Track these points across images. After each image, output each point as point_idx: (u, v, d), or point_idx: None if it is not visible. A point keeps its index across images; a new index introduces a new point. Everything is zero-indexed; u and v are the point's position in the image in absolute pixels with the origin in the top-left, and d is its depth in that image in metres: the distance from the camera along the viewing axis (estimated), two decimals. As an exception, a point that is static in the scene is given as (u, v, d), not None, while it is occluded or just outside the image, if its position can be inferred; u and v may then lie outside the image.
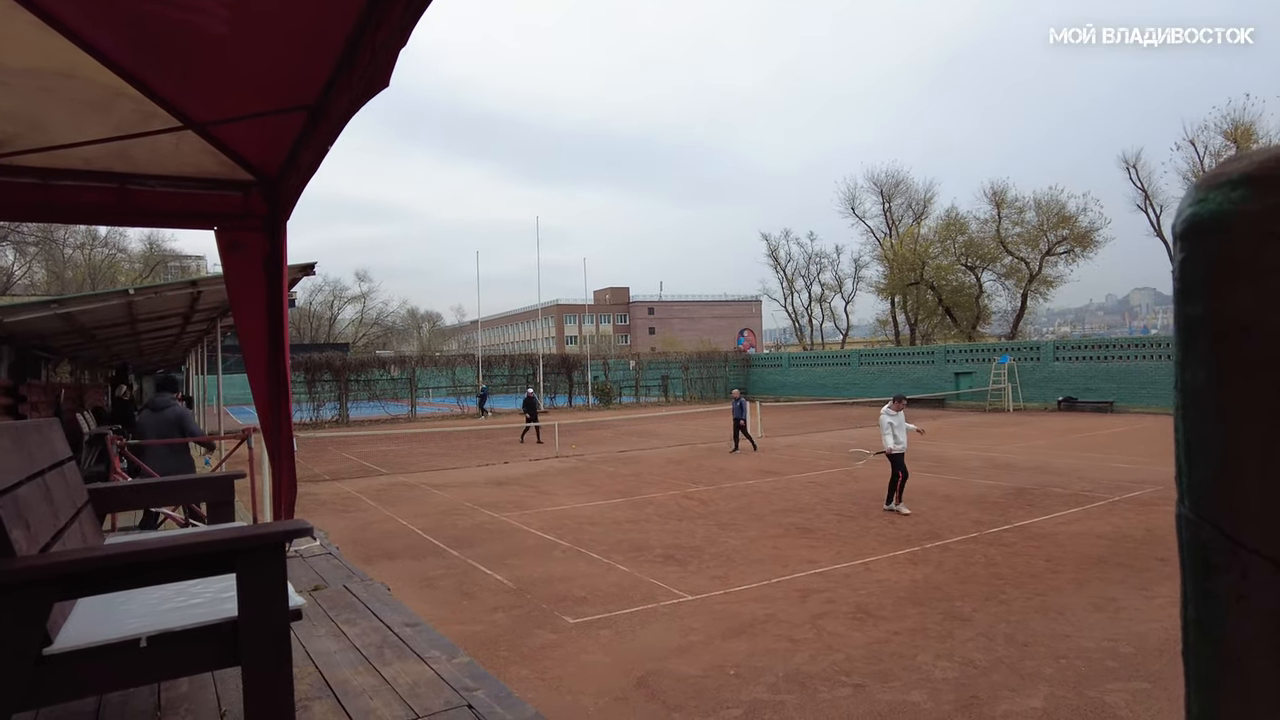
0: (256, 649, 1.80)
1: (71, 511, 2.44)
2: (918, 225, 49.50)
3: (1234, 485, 0.56)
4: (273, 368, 4.30)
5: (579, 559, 8.79)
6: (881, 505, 11.17)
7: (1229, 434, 0.56)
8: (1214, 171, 0.59)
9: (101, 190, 3.85)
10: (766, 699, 5.02)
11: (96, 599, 2.03)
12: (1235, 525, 0.56)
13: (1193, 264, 0.58)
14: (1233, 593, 0.56)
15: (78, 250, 44.84)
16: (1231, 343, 0.56)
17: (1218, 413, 0.57)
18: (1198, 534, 0.59)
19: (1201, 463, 0.58)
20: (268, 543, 1.82)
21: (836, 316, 61.01)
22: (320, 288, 68.77)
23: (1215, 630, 0.58)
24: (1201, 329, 0.58)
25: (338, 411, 35.23)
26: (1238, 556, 0.56)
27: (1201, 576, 0.58)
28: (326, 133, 2.97)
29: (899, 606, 6.71)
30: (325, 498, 13.90)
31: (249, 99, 3.33)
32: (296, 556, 4.59)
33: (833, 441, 20.60)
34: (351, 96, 2.49)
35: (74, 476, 2.72)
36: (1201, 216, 0.57)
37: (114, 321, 9.57)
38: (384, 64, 2.15)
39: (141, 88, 3.19)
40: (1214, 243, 0.57)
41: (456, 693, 2.46)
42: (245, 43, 2.72)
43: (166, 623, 1.88)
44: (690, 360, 46.59)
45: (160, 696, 2.59)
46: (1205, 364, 0.58)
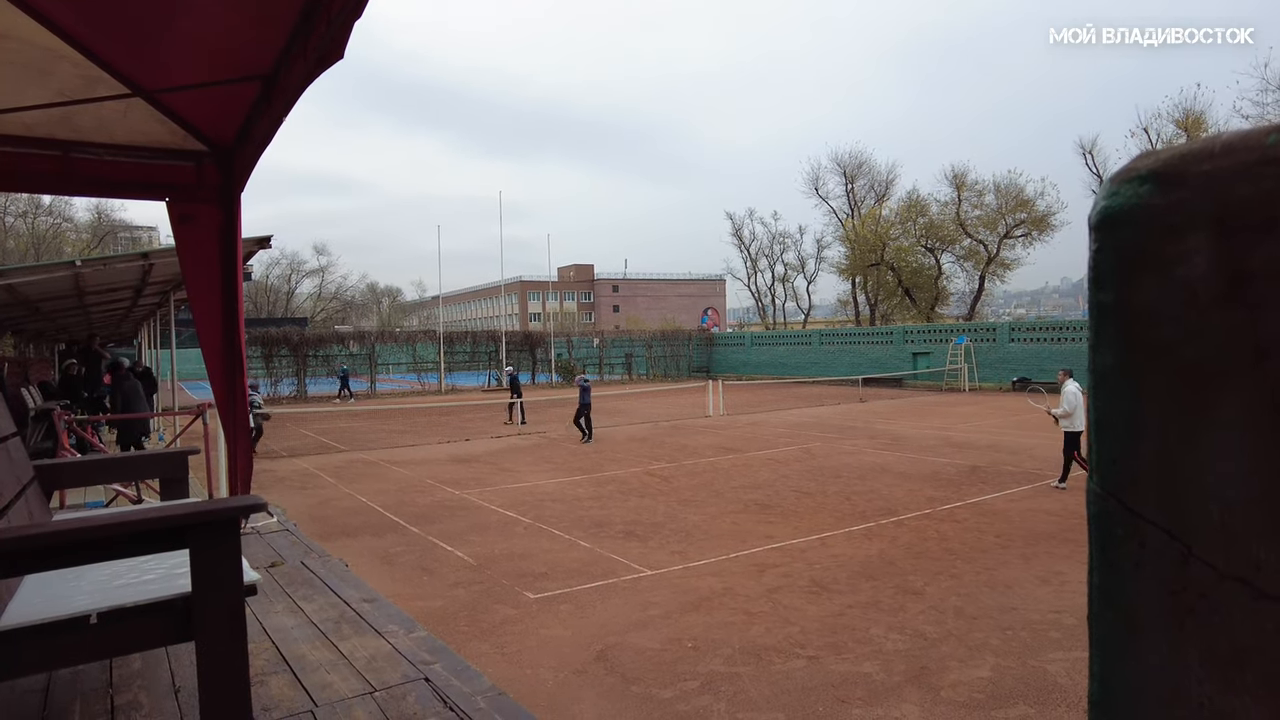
0: (210, 624, 1.79)
1: (16, 488, 2.39)
2: (879, 206, 50.03)
3: (1135, 461, 0.60)
4: (227, 342, 4.22)
5: (540, 535, 8.83)
6: (822, 483, 11.35)
7: (1132, 414, 0.60)
8: (1126, 166, 0.62)
9: (43, 158, 3.73)
10: (723, 671, 5.13)
11: (48, 575, 2.00)
12: (1135, 498, 0.60)
13: (1104, 254, 0.62)
14: (1132, 560, 0.61)
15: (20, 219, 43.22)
16: (1137, 329, 0.60)
17: (1123, 394, 0.61)
18: (1104, 507, 0.63)
19: (1108, 440, 0.62)
20: (221, 518, 1.80)
21: (799, 296, 61.61)
22: (277, 261, 67.29)
23: (1116, 596, 0.62)
24: (1111, 316, 0.61)
25: (295, 387, 34.65)
26: (1137, 527, 0.60)
27: (1106, 546, 0.63)
28: (281, 104, 2.91)
29: (853, 580, 6.87)
30: (283, 474, 13.73)
31: (201, 67, 3.25)
32: (254, 533, 4.54)
33: (794, 420, 20.87)
34: (306, 67, 2.44)
35: (18, 453, 2.65)
36: (1112, 210, 0.61)
37: (60, 294, 9.27)
38: (339, 35, 2.11)
39: (84, 51, 3.09)
40: (1123, 235, 0.60)
41: (414, 666, 2.48)
42: (194, 7, 2.64)
43: (118, 598, 1.86)
44: (654, 338, 46.67)
45: (112, 673, 2.57)
46: (1114, 349, 0.61)
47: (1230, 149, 0.56)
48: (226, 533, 1.81)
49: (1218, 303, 0.55)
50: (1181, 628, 0.58)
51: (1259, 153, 0.54)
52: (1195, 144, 0.59)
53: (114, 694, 2.41)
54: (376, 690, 2.34)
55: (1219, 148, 0.57)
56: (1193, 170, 0.57)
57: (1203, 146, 0.58)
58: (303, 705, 2.28)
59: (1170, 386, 0.58)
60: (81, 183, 3.88)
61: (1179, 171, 0.58)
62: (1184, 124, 36.57)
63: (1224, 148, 0.56)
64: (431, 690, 2.32)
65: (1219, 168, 0.56)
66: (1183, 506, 0.57)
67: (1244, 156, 0.55)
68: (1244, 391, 0.54)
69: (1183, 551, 0.58)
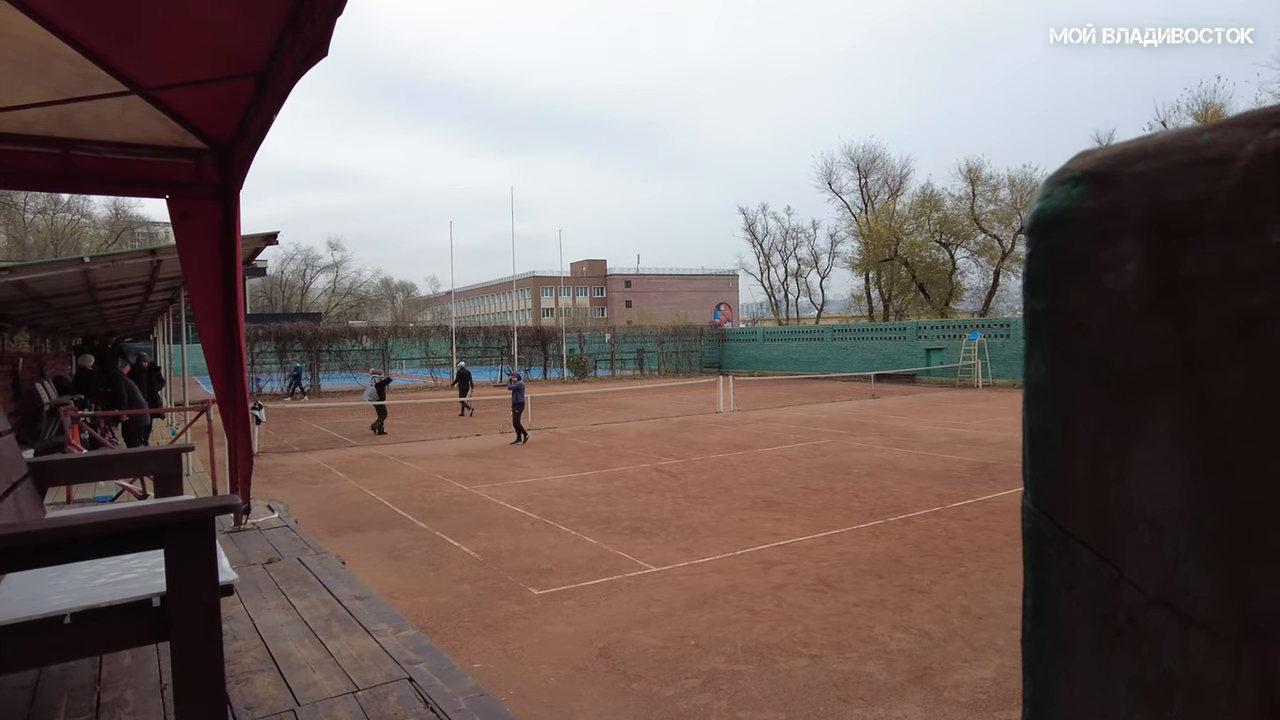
0: (185, 624, 1.78)
1: (4, 486, 2.40)
2: (893, 201, 49.71)
3: (1066, 478, 0.57)
4: (228, 339, 4.24)
5: (547, 531, 8.83)
6: (830, 480, 11.30)
7: (1063, 428, 0.58)
8: (1062, 167, 0.59)
9: (42, 155, 3.75)
10: (725, 669, 5.10)
11: (28, 574, 2.00)
12: (1066, 517, 0.58)
13: (1036, 260, 0.59)
14: (1063, 582, 0.58)
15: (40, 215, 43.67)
16: (1067, 339, 0.57)
17: (1054, 407, 0.58)
18: (1036, 524, 0.60)
19: (1041, 455, 0.59)
20: (196, 518, 1.80)
21: (812, 291, 61.33)
22: (292, 256, 67.66)
23: (1048, 618, 0.59)
24: (1043, 325, 0.59)
25: (309, 382, 34.88)
26: (1068, 546, 0.57)
27: (1038, 566, 0.60)
28: (273, 100, 2.90)
29: (859, 579, 6.82)
30: (294, 469, 13.80)
31: (197, 65, 3.25)
32: (254, 529, 4.56)
33: (804, 416, 20.79)
34: (295, 64, 2.43)
35: (9, 451, 2.66)
36: (1045, 213, 0.58)
37: (72, 290, 9.35)
38: (323, 32, 2.10)
39: (80, 48, 3.10)
40: (1055, 239, 0.57)
41: (399, 665, 2.48)
42: (184, 5, 2.64)
43: (94, 598, 1.86)
44: (665, 334, 46.61)
45: (101, 670, 2.58)
46: (1046, 359, 0.59)
47: (1164, 149, 0.53)
48: (202, 532, 1.80)
49: (1146, 312, 0.52)
50: (1111, 653, 0.55)
51: (1191, 154, 0.51)
52: (1132, 143, 0.56)
53: (101, 691, 2.42)
54: (360, 690, 2.34)
55: (1153, 148, 0.54)
56: (1126, 172, 0.54)
57: (1138, 146, 0.55)
58: (286, 704, 2.28)
59: (1100, 399, 0.55)
60: (82, 180, 3.90)
61: (1112, 173, 0.55)
62: (1203, 117, 36.08)
63: (1158, 148, 0.53)
64: (414, 690, 2.31)
65: (1151, 169, 0.53)
66: (1113, 526, 0.55)
67: (1176, 158, 0.52)
68: (1174, 405, 0.51)
69: (1113, 573, 0.55)
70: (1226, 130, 0.50)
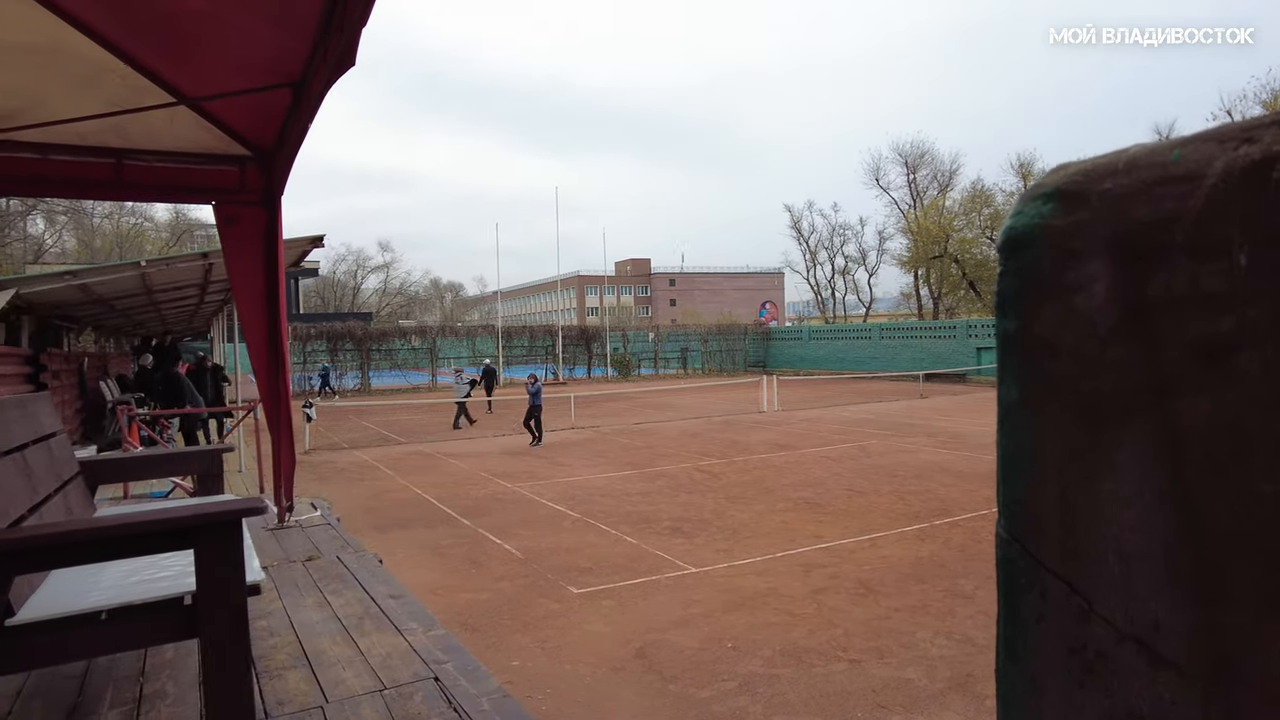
0: (213, 623, 1.84)
1: (54, 484, 2.51)
2: (942, 197, 48.77)
3: (1037, 505, 0.56)
4: (271, 340, 4.35)
5: (588, 530, 8.87)
6: (875, 482, 11.13)
7: (1033, 453, 0.56)
8: (1036, 183, 0.57)
9: (98, 165, 3.90)
10: (762, 672, 5.07)
11: (71, 570, 2.09)
12: (1037, 546, 0.56)
13: (1008, 278, 0.57)
14: (1034, 613, 0.56)
15: (106, 219, 45.34)
16: (1037, 361, 0.55)
17: (1024, 431, 0.56)
18: (1008, 552, 0.58)
19: (1011, 481, 0.58)
20: (224, 519, 1.85)
21: (860, 289, 60.51)
22: (343, 257, 69.13)
23: (1019, 650, 0.57)
24: (1014, 346, 0.57)
25: (359, 380, 35.63)
26: (1039, 576, 0.56)
27: (1010, 596, 0.58)
28: (308, 108, 2.98)
29: (902, 583, 6.71)
30: (343, 465, 14.11)
31: (239, 76, 3.34)
32: (296, 526, 4.68)
33: (850, 416, 20.52)
34: (326, 73, 2.49)
35: (62, 450, 2.78)
36: (1016, 230, 0.56)
37: (131, 292, 9.74)
38: (350, 42, 2.15)
39: (130, 62, 3.21)
40: (1025, 258, 0.55)
41: (426, 664, 2.52)
42: (226, 18, 2.72)
43: (128, 596, 1.93)
44: (709, 332, 46.43)
45: (145, 662, 2.68)
46: (1017, 381, 0.57)
47: (1133, 165, 0.51)
48: (230, 533, 1.86)
49: (1115, 336, 0.50)
50: (1081, 688, 0.53)
51: (1160, 170, 0.49)
52: (1103, 158, 0.54)
53: (144, 683, 2.52)
54: (386, 688, 2.39)
55: (1123, 163, 0.52)
56: (1095, 189, 0.52)
57: (1109, 161, 0.53)
58: (314, 701, 2.34)
59: (1070, 425, 0.53)
60: (134, 188, 4.05)
61: (1081, 190, 0.53)
62: (1272, 105, 34.61)
63: (1128, 163, 0.51)
64: (439, 690, 2.35)
65: (1120, 186, 0.51)
66: (1083, 557, 0.53)
67: (1146, 175, 0.50)
68: (1143, 433, 0.49)
69: (1083, 606, 0.53)
70: (1198, 145, 0.48)
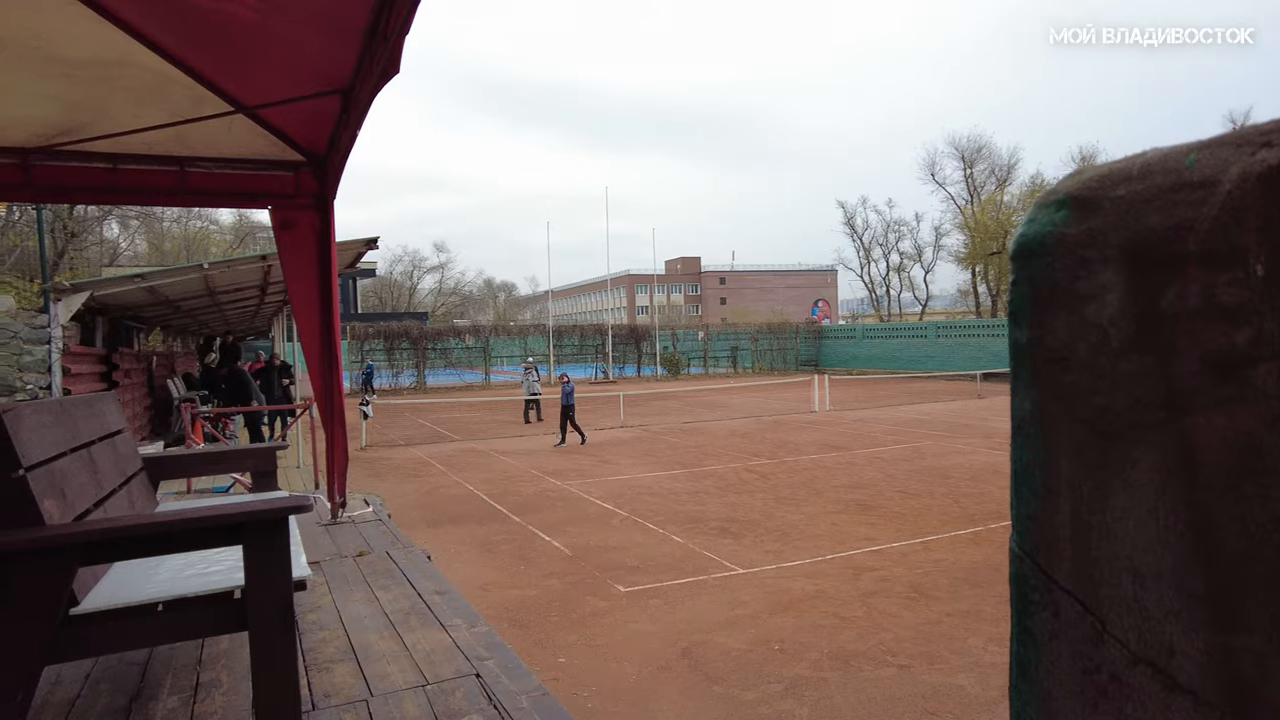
0: (260, 617, 1.91)
1: (118, 480, 2.62)
2: (1001, 192, 47.51)
3: (1050, 521, 0.54)
4: (325, 340, 4.47)
5: (635, 529, 8.89)
6: (929, 484, 10.89)
7: (1046, 467, 0.54)
8: (1051, 188, 0.56)
9: (163, 173, 4.05)
10: (809, 675, 5.02)
11: (132, 563, 2.19)
12: (1050, 562, 0.54)
13: (1020, 287, 0.55)
14: (1047, 631, 0.54)
15: (175, 223, 47.16)
16: (1049, 373, 0.53)
17: (1037, 444, 0.55)
18: (1020, 569, 0.57)
19: (1024, 496, 0.56)
20: (271, 517, 1.92)
21: (916, 287, 59.36)
22: (400, 258, 70.66)
23: (1032, 668, 0.56)
24: (1026, 357, 0.55)
25: (415, 379, 36.35)
26: (1051, 594, 0.54)
27: (1022, 614, 0.56)
28: (357, 115, 3.05)
29: (955, 587, 6.57)
30: (398, 462, 14.40)
31: (291, 84, 3.44)
32: (349, 522, 4.80)
33: (904, 417, 20.15)
34: (372, 81, 2.54)
35: (127, 447, 2.91)
36: (1028, 238, 0.54)
37: (194, 293, 10.13)
38: (394, 51, 2.19)
39: (191, 74, 3.34)
40: (1037, 266, 0.54)
41: (468, 661, 2.56)
42: (276, 29, 2.80)
43: (182, 589, 2.01)
44: (760, 331, 46.05)
45: (202, 651, 2.78)
46: (1029, 393, 0.55)
47: (1148, 171, 0.49)
48: (276, 530, 1.92)
49: (1128, 348, 0.48)
50: (1095, 710, 0.51)
51: (1175, 176, 0.47)
52: (1118, 163, 0.52)
53: (200, 671, 2.62)
54: (429, 684, 2.43)
55: (1138, 169, 0.50)
56: (1108, 195, 0.51)
57: (1123, 167, 0.51)
58: (360, 694, 2.39)
59: (1082, 439, 0.51)
60: (195, 194, 4.20)
61: (1094, 196, 0.51)
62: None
63: (1142, 169, 0.49)
64: (480, 686, 2.38)
65: (1134, 192, 0.49)
66: (1096, 576, 0.51)
67: (1160, 180, 0.48)
68: (1156, 450, 0.47)
69: (1096, 627, 0.51)
70: (1213, 150, 0.46)
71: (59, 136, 3.84)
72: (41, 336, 7.59)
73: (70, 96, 3.57)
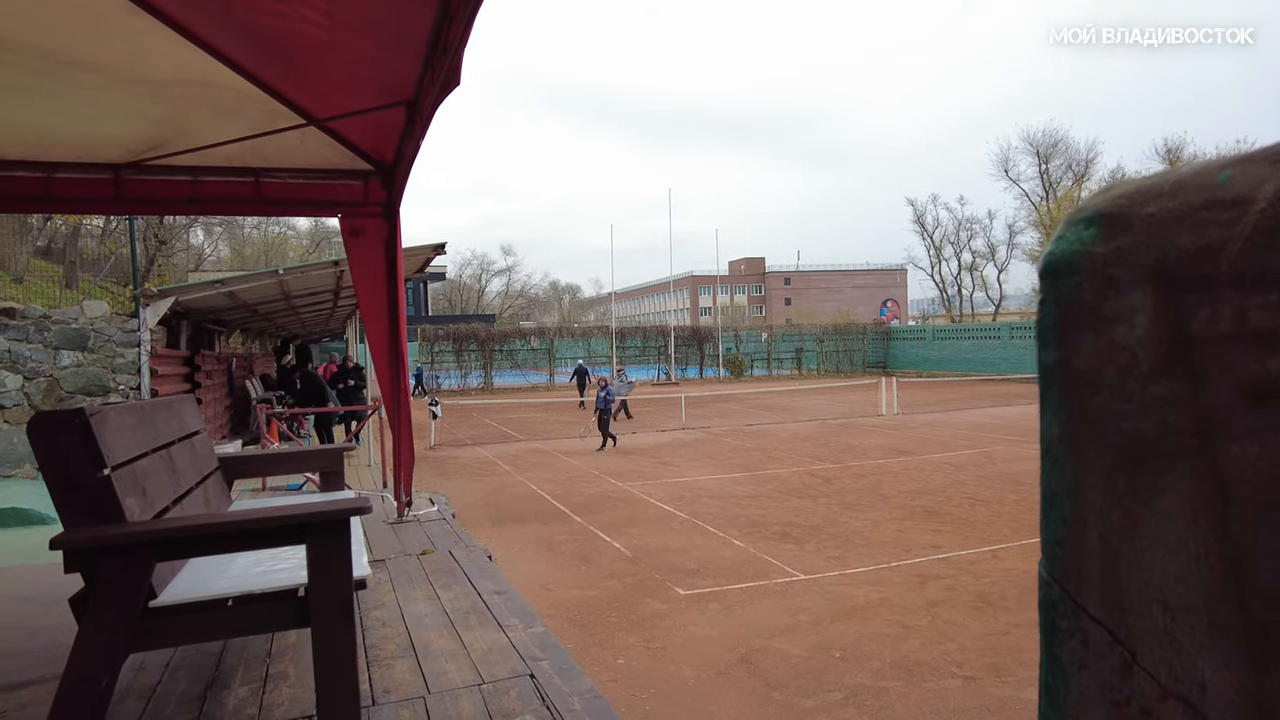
0: (322, 613, 1.98)
1: (195, 479, 2.76)
2: (1078, 187, 45.69)
3: (1078, 547, 0.52)
4: (392, 344, 4.60)
5: (695, 532, 8.87)
6: (1000, 490, 10.54)
7: (1074, 492, 0.52)
8: (1081, 204, 0.54)
9: (240, 184, 4.24)
10: (870, 684, 4.92)
11: (206, 559, 2.30)
12: (1078, 589, 0.53)
13: (1048, 307, 0.54)
14: (1075, 660, 0.53)
15: (255, 229, 49.33)
16: (1078, 396, 0.52)
17: (1065, 469, 0.53)
18: (1048, 595, 0.55)
19: (1053, 520, 0.55)
20: (333, 518, 1.99)
21: (989, 286, 57.61)
22: (469, 262, 72.26)
23: (1060, 696, 0.54)
24: (1054, 378, 0.54)
25: (483, 379, 37.06)
26: (1080, 622, 0.52)
27: (1051, 640, 0.55)
28: (420, 126, 3.14)
29: (1025, 598, 6.35)
30: (465, 461, 14.70)
31: (359, 96, 3.56)
32: (414, 520, 4.93)
33: (976, 420, 19.58)
34: (435, 92, 2.61)
35: (204, 447, 3.06)
36: (1056, 256, 0.53)
37: (271, 298, 10.57)
38: (454, 64, 2.25)
39: (266, 89, 3.48)
40: (1065, 286, 0.52)
41: (523, 661, 2.60)
42: (344, 45, 2.90)
43: (250, 585, 2.11)
44: (826, 332, 45.35)
45: (272, 644, 2.91)
46: (1057, 416, 0.54)
47: (1180, 188, 0.47)
48: (338, 531, 1.99)
49: (1158, 373, 0.47)
50: (1124, 746, 0.50)
51: (1208, 193, 0.45)
52: (1151, 179, 0.51)
53: (270, 663, 2.74)
54: (485, 683, 2.48)
55: (1169, 185, 0.48)
56: (1138, 213, 0.49)
57: (1155, 183, 0.49)
58: (418, 691, 2.46)
59: (1112, 464, 0.50)
60: (270, 204, 4.38)
61: (1124, 214, 0.50)
62: None
63: (1174, 185, 0.48)
64: (534, 687, 2.42)
65: (1165, 210, 0.47)
66: (1125, 605, 0.49)
67: (1192, 198, 0.46)
68: (1188, 477, 0.46)
69: (1125, 658, 0.50)
70: (1248, 166, 0.44)
71: (147, 152, 4.06)
72: (132, 340, 8.03)
73: (157, 114, 3.77)
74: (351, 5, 2.66)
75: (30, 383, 8.70)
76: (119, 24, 2.96)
